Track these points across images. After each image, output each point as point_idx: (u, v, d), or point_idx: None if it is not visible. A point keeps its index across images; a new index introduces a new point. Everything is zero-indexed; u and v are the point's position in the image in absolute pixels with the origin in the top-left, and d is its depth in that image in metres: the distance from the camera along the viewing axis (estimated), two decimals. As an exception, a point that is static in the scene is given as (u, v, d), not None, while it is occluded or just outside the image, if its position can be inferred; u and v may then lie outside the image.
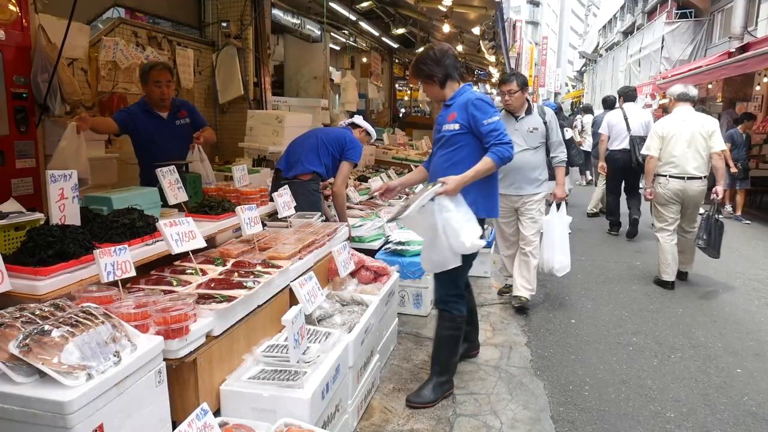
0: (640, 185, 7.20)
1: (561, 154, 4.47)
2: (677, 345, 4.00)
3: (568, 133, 6.99)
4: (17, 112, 3.85)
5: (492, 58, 12.45)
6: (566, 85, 63.04)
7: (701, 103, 12.56)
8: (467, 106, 2.95)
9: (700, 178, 5.04)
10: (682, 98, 5.22)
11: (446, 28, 8.56)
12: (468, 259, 3.02)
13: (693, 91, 5.27)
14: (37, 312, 1.75)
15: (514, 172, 4.26)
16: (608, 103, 8.87)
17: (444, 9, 7.63)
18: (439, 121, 3.13)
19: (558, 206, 4.54)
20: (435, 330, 3.23)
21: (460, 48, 11.10)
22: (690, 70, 13.74)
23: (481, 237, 2.85)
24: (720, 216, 5.26)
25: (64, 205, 2.43)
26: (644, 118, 7.18)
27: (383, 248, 4.52)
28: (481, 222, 3.04)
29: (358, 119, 4.65)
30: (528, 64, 45.87)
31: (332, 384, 2.41)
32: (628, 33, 28.13)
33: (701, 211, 5.29)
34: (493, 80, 21.46)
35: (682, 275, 5.50)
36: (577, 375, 3.52)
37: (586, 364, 3.67)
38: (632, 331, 4.24)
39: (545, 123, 4.38)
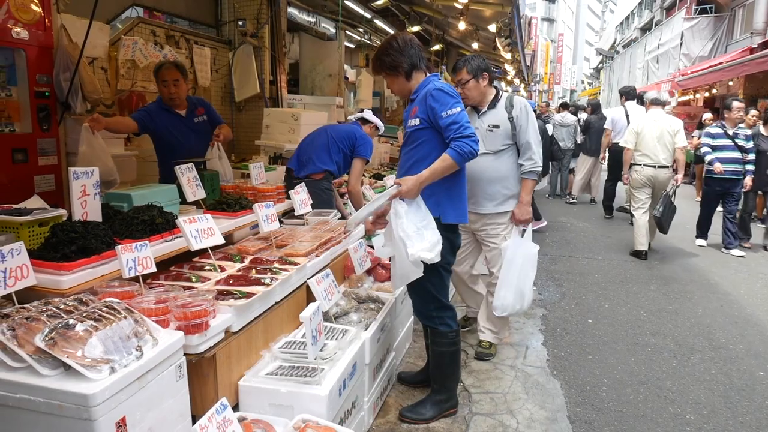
0: None
1: (527, 162, 3.39)
2: (697, 346, 3.95)
3: (549, 128, 6.95)
4: (40, 111, 3.92)
5: (508, 56, 12.37)
6: (582, 82, 62.43)
7: (721, 101, 12.36)
8: (426, 98, 2.64)
9: (668, 167, 6.22)
10: (655, 102, 6.48)
11: (462, 25, 8.51)
12: (444, 268, 2.76)
13: (664, 97, 6.67)
14: (62, 306, 1.78)
15: (469, 183, 3.12)
16: (631, 95, 8.83)
17: (460, 6, 7.60)
18: (405, 117, 2.88)
19: (522, 232, 3.50)
20: (427, 344, 3.03)
21: (475, 45, 11.06)
22: (710, 67, 13.54)
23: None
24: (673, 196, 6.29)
25: (86, 202, 2.46)
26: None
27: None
28: (453, 228, 2.80)
29: (368, 114, 4.62)
30: (543, 62, 45.55)
31: (349, 381, 2.42)
32: (645, 29, 27.77)
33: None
34: (509, 78, 21.33)
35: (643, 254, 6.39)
36: (594, 375, 3.49)
37: (603, 365, 3.64)
38: (651, 332, 4.20)
39: (511, 119, 3.39)
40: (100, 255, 2.17)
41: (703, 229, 7.17)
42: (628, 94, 8.54)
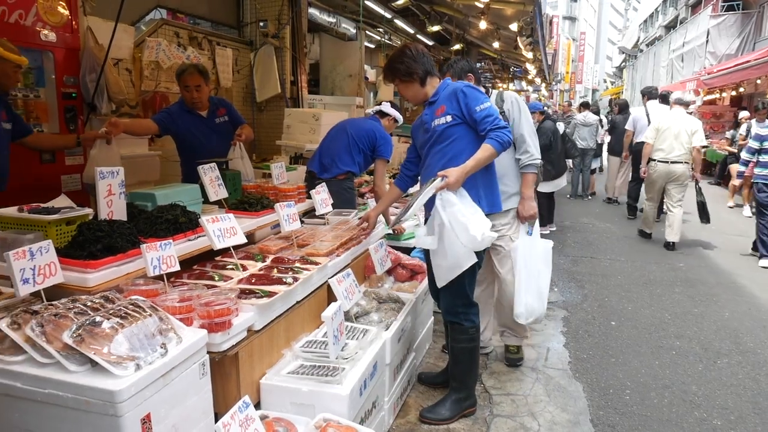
0: None
1: (524, 155, 3.23)
2: (724, 350, 3.87)
3: (561, 127, 6.94)
4: (67, 111, 4.00)
5: (529, 55, 12.26)
6: (604, 81, 61.62)
7: (749, 100, 12.10)
8: (456, 95, 2.75)
9: (682, 163, 6.58)
10: (679, 102, 6.94)
11: (483, 24, 8.46)
12: (478, 263, 2.76)
13: (687, 97, 7.19)
14: (89, 303, 1.81)
15: None
16: (653, 95, 8.77)
17: (481, 5, 7.55)
18: (425, 119, 2.89)
19: (530, 229, 3.32)
20: (448, 343, 3.05)
21: (496, 44, 10.98)
22: (737, 65, 13.23)
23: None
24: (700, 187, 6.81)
25: (111, 201, 2.50)
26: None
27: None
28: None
29: (386, 107, 4.54)
30: (565, 61, 45.05)
31: (370, 381, 2.42)
32: (670, 27, 27.29)
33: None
34: (530, 77, 21.17)
35: (669, 245, 6.75)
36: (617, 378, 3.44)
37: (626, 368, 3.58)
38: (675, 335, 4.12)
39: (503, 113, 3.28)
40: (125, 253, 2.21)
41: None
42: (650, 94, 8.63)
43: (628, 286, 5.32)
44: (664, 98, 8.24)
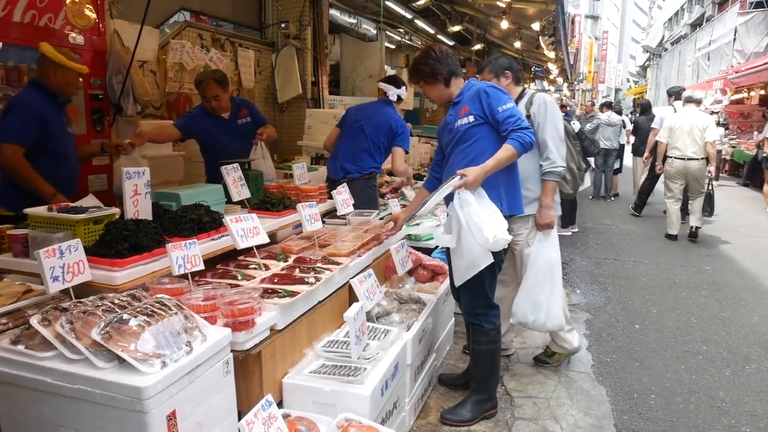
0: None
1: (545, 162, 3.10)
2: (752, 355, 3.78)
3: (576, 125, 6.89)
4: (94, 113, 4.08)
5: (551, 54, 12.15)
6: (627, 81, 60.72)
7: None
8: (479, 95, 2.72)
9: (698, 159, 6.75)
10: (689, 100, 7.14)
11: (504, 24, 8.41)
12: (498, 264, 2.75)
13: (697, 95, 7.32)
14: (116, 301, 1.84)
15: None
16: (679, 95, 8.66)
17: (503, 5, 7.50)
18: (449, 120, 2.89)
19: (546, 237, 3.17)
20: (469, 344, 3.02)
21: (518, 44, 10.90)
22: (766, 63, 12.93)
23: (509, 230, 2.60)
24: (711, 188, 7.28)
25: (137, 201, 2.54)
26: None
27: (440, 247, 4.49)
28: (508, 218, 2.74)
29: (391, 92, 4.37)
30: (587, 60, 44.53)
31: (391, 381, 2.42)
32: (696, 25, 26.79)
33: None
34: (551, 77, 20.97)
35: (693, 234, 7.09)
36: (642, 382, 3.38)
37: (651, 372, 3.52)
38: (702, 339, 4.04)
39: (529, 117, 3.19)
40: (150, 252, 2.24)
41: None
42: (677, 94, 8.59)
43: (652, 288, 5.23)
44: (677, 95, 8.31)
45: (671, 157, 6.92)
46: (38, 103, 2.99)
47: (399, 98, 4.44)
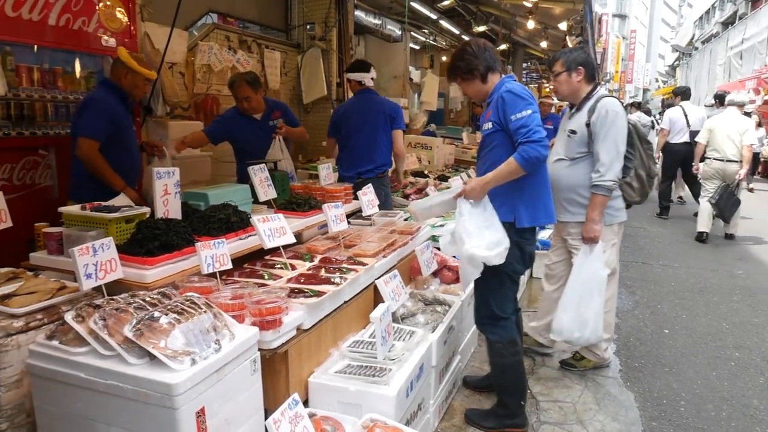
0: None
1: (594, 174, 3.02)
2: (787, 362, 3.67)
3: None
4: (125, 114, 4.14)
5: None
6: (656, 80, 59.54)
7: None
8: (497, 100, 2.59)
9: (736, 161, 6.74)
10: (731, 103, 7.07)
11: (530, 24, 8.33)
12: (510, 276, 2.65)
13: (739, 98, 7.09)
14: (147, 299, 1.88)
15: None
16: (686, 96, 8.83)
17: (529, 5, 7.44)
18: (480, 121, 2.86)
19: (591, 251, 3.09)
20: None
21: (544, 44, 10.78)
22: (802, 63, 12.54)
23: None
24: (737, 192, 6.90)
25: (167, 200, 2.59)
26: (700, 114, 8.33)
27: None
28: (527, 233, 2.65)
29: (366, 77, 4.40)
30: (614, 60, 43.79)
31: (416, 382, 2.41)
32: (728, 23, 26.13)
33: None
34: (552, 74, 20.65)
35: (729, 236, 7.23)
36: (671, 389, 3.31)
37: (681, 378, 3.44)
38: (734, 345, 3.93)
39: (588, 125, 3.06)
40: (180, 251, 2.28)
41: None
42: (684, 93, 8.79)
43: (681, 293, 5.12)
44: (721, 99, 8.27)
45: (710, 158, 6.93)
46: (109, 101, 3.21)
47: (372, 80, 4.50)
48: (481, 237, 2.48)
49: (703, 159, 7.15)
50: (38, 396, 1.84)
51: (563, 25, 8.98)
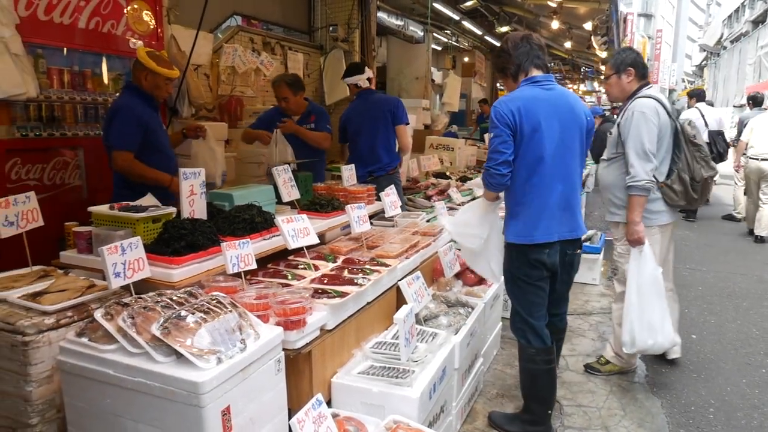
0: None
1: (627, 176, 3.04)
2: (821, 370, 3.57)
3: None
4: (151, 115, 4.21)
5: (603, 55, 11.80)
6: (683, 81, 58.39)
7: None
8: None
9: None
10: None
11: (554, 24, 8.24)
12: (524, 281, 2.62)
13: None
14: (174, 298, 1.90)
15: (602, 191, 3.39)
16: (758, 101, 8.71)
17: (554, 5, 7.35)
18: None
19: (639, 253, 3.05)
20: None
21: (568, 45, 10.66)
22: (836, 62, 12.18)
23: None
24: None
25: (193, 201, 2.62)
26: (717, 115, 8.41)
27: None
28: (521, 246, 2.58)
29: (362, 79, 4.45)
30: (640, 60, 43.00)
31: (439, 385, 2.40)
32: (758, 22, 25.53)
33: None
34: (602, 77, 20.40)
35: (759, 239, 7.15)
36: (699, 395, 3.24)
37: (710, 385, 3.37)
38: (764, 352, 3.83)
39: (618, 125, 3.17)
40: (206, 251, 2.31)
41: None
42: (699, 96, 8.88)
43: (710, 297, 5.00)
44: (755, 100, 8.49)
45: (748, 156, 7.28)
46: (135, 106, 3.16)
47: (369, 80, 4.54)
48: (459, 221, 2.93)
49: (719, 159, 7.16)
50: (68, 392, 1.88)
51: (588, 25, 8.85)
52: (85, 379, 1.80)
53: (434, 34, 9.82)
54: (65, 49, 3.59)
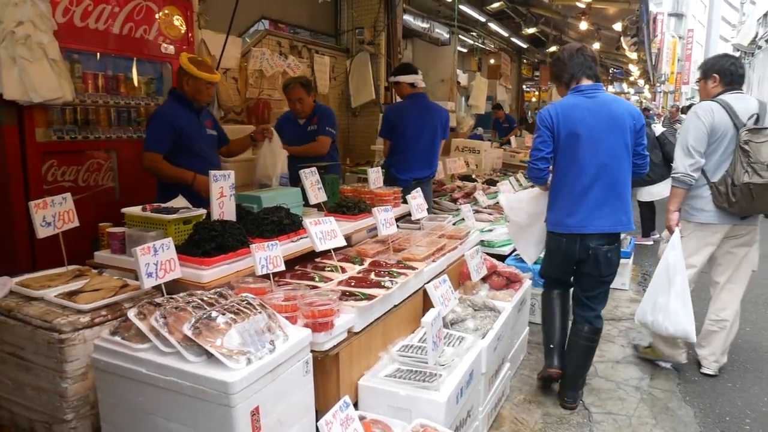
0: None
1: (672, 169, 3.37)
2: None
3: (657, 128, 6.58)
4: (181, 118, 4.28)
5: (633, 56, 11.61)
6: (715, 82, 56.90)
7: None
8: None
9: None
10: None
11: (583, 25, 8.13)
12: (549, 248, 3.07)
13: None
14: (205, 298, 1.93)
15: None
16: None
17: (582, 5, 7.26)
18: None
19: (668, 238, 3.36)
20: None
21: (596, 45, 10.50)
22: None
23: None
24: None
25: (222, 203, 2.66)
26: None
27: (514, 254, 4.39)
28: (557, 235, 2.97)
29: (417, 79, 4.47)
30: (670, 60, 42.20)
31: (465, 389, 2.38)
32: (795, 21, 24.76)
33: None
34: (632, 78, 20.05)
35: None
36: (735, 405, 3.15)
37: (746, 395, 3.27)
38: (804, 362, 3.71)
39: None
40: (235, 252, 2.34)
41: None
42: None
43: (744, 304, 4.79)
44: None
45: None
46: (172, 111, 3.29)
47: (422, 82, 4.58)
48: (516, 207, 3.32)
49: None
50: (102, 389, 1.92)
51: (618, 26, 8.71)
52: (118, 377, 1.84)
53: (460, 36, 9.78)
54: (99, 54, 3.68)
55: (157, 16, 3.93)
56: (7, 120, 3.18)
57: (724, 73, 3.29)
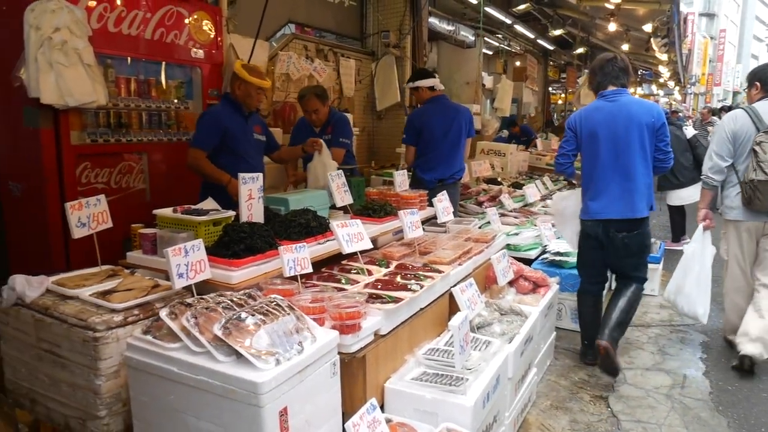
0: None
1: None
2: None
3: (689, 131, 6.47)
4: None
5: (663, 57, 11.38)
6: (748, 83, 55.43)
7: None
8: None
9: None
10: None
11: (612, 26, 8.01)
12: (582, 235, 3.47)
13: None
14: (234, 299, 1.95)
15: None
16: None
17: (611, 6, 7.15)
18: None
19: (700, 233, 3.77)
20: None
21: (625, 47, 10.34)
22: None
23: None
24: None
25: (251, 205, 2.69)
26: None
27: (540, 258, 4.35)
28: (590, 223, 3.37)
29: (436, 82, 4.50)
30: (701, 61, 41.28)
31: (492, 394, 2.36)
32: (833, 20, 24.00)
33: None
34: (661, 80, 19.67)
35: None
36: (770, 415, 3.06)
37: (782, 405, 3.17)
38: (843, 372, 3.58)
39: None
40: (263, 254, 2.37)
41: None
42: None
43: (780, 312, 4.71)
44: None
45: None
46: (221, 113, 3.43)
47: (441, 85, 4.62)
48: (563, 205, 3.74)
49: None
50: (134, 387, 1.95)
51: (648, 27, 8.55)
52: (150, 375, 1.88)
53: (485, 39, 9.73)
54: (131, 58, 3.77)
55: (187, 21, 4.00)
56: (44, 123, 3.27)
57: (766, 80, 3.57)
